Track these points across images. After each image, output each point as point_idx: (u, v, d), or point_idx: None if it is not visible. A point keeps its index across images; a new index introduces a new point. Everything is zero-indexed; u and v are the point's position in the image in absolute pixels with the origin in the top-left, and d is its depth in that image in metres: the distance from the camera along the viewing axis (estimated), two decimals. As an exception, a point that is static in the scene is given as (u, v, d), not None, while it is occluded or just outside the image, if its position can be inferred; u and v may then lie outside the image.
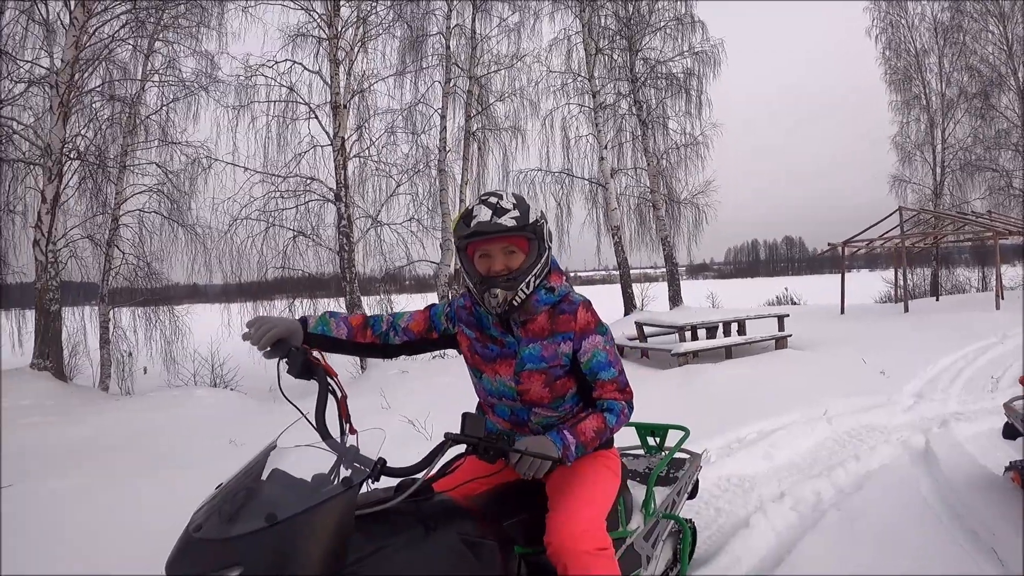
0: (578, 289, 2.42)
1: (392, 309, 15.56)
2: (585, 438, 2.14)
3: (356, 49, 14.95)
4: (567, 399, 2.33)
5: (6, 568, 3.48)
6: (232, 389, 12.18)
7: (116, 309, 14.54)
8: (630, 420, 2.45)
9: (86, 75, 12.54)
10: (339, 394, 2.02)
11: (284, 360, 2.08)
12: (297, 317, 2.31)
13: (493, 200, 2.15)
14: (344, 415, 1.98)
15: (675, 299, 17.88)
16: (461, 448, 1.99)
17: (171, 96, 14.60)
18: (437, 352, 2.76)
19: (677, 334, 10.98)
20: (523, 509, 2.24)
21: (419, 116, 16.22)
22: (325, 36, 14.37)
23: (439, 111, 16.04)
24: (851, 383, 7.87)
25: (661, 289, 18.92)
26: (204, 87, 14.62)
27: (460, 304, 2.41)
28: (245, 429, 6.82)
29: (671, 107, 18.37)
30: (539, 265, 2.20)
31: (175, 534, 1.59)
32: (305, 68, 14.63)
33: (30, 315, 13.11)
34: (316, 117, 14.76)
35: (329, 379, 2.02)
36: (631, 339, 11.75)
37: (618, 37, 17.87)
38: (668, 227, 18.24)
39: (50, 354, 11.29)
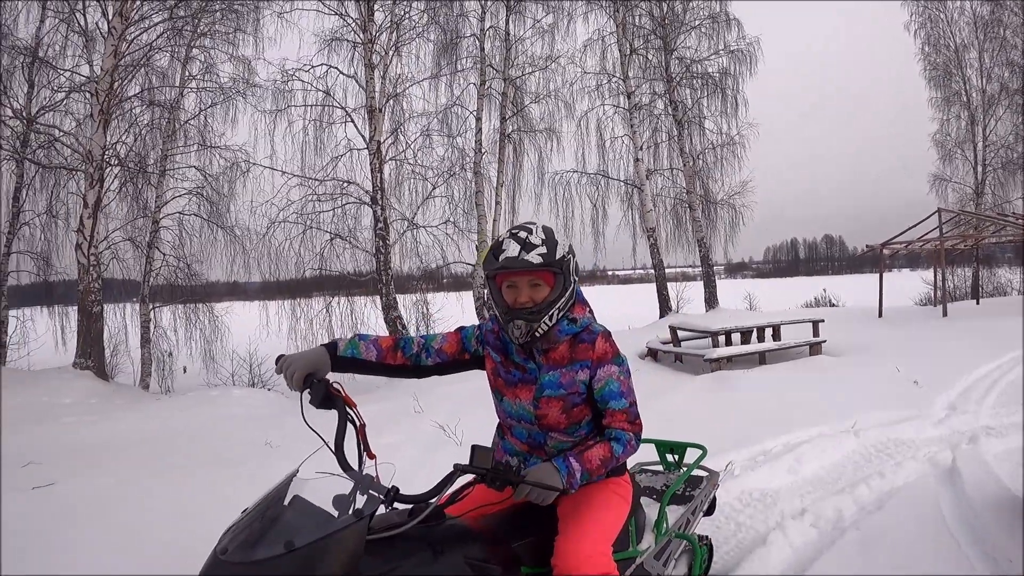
0: (615, 288, 2.48)
1: (428, 308, 15.81)
2: (591, 466, 2.19)
3: (390, 53, 15.12)
4: (583, 425, 2.39)
5: (51, 564, 3.62)
6: (269, 389, 12.32)
7: (157, 309, 14.88)
8: (647, 438, 2.56)
9: (125, 82, 12.78)
10: (358, 424, 2.10)
11: (307, 391, 2.19)
12: (326, 342, 2.41)
13: (522, 235, 2.23)
14: (363, 443, 2.06)
15: (711, 301, 17.79)
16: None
17: (209, 101, 14.95)
18: None
19: (711, 339, 10.93)
20: (532, 530, 2.30)
21: (454, 118, 16.44)
22: (360, 41, 14.55)
23: (474, 113, 16.20)
24: (883, 394, 7.75)
25: (698, 289, 18.74)
26: (241, 92, 14.92)
27: (488, 328, 2.50)
28: (281, 431, 6.90)
29: (707, 107, 18.28)
30: (563, 299, 2.27)
31: (202, 538, 1.69)
32: (341, 72, 14.87)
33: (72, 312, 13.43)
34: (352, 121, 14.99)
35: (348, 409, 2.11)
36: (665, 343, 11.72)
37: (652, 37, 17.84)
38: (704, 228, 18.16)
39: (92, 354, 11.52)
